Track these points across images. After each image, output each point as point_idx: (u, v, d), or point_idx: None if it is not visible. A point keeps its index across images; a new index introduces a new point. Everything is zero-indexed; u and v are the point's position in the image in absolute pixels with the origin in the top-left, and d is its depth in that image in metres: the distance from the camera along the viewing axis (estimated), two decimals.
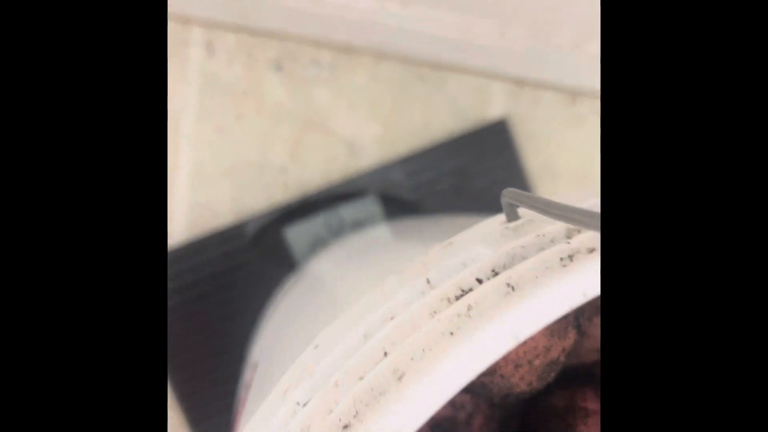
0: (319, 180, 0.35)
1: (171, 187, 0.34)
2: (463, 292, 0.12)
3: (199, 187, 0.34)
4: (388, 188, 0.35)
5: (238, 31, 0.34)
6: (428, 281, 0.13)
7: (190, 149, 0.34)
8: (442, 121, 0.36)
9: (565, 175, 0.37)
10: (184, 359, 0.33)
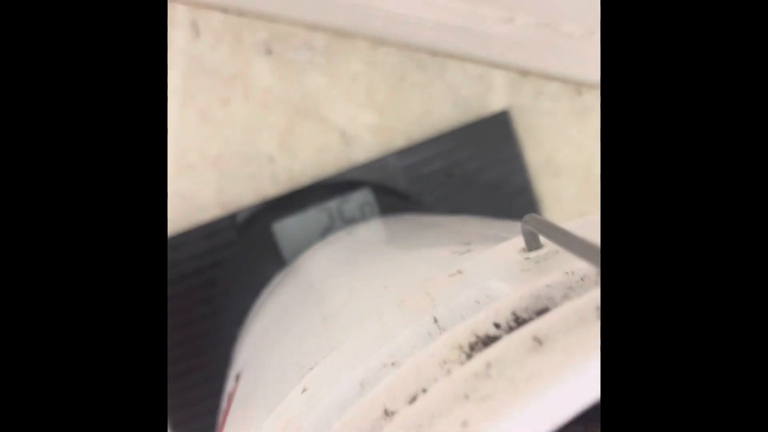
0: (310, 171, 0.33)
1: None
2: (478, 339, 0.10)
3: (182, 178, 0.32)
4: (384, 181, 0.33)
5: (226, 11, 0.32)
6: (436, 320, 0.11)
7: (173, 137, 0.32)
8: (441, 111, 0.34)
9: (568, 170, 0.36)
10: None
